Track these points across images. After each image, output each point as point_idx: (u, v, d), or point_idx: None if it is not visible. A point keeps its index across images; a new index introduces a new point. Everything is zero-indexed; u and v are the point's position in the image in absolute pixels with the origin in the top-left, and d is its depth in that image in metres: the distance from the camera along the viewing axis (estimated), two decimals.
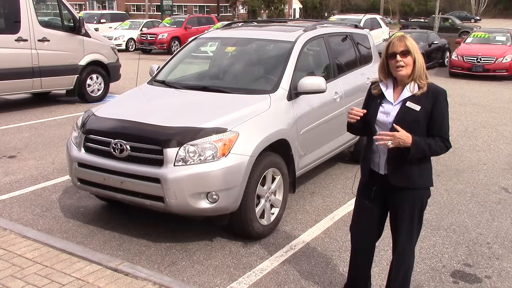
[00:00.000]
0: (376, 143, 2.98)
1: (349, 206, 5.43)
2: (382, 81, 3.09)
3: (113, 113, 4.79)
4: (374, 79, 3.23)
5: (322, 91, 5.04)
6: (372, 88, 3.17)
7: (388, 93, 3.06)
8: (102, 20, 29.86)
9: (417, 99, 2.96)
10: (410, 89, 2.98)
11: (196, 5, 69.83)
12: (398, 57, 2.93)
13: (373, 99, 3.14)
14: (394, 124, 2.95)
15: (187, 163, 4.07)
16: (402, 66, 2.93)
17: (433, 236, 4.73)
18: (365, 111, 3.13)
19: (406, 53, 2.92)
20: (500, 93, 13.84)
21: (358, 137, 6.50)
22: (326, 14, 65.79)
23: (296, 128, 4.97)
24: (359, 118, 3.12)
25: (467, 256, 4.36)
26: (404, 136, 2.89)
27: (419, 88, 2.97)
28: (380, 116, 3.06)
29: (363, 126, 3.19)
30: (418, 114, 2.94)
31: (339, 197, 5.70)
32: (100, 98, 11.39)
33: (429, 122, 2.96)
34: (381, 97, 3.08)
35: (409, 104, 2.96)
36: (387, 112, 3.03)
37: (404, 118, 2.96)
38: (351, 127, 3.28)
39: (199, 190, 4.07)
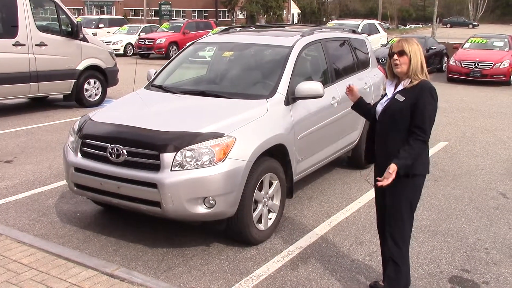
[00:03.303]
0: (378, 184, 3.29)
1: (347, 211, 5.42)
2: (388, 79, 3.52)
3: (110, 117, 4.79)
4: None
5: (320, 96, 5.04)
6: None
7: (389, 88, 3.48)
8: (100, 25, 29.90)
9: (405, 91, 3.33)
10: (403, 84, 3.36)
11: (195, 10, 69.95)
12: (395, 57, 3.35)
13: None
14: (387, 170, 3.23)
15: (184, 168, 4.07)
16: (398, 64, 3.33)
17: (430, 241, 4.72)
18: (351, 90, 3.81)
19: (402, 53, 3.32)
20: (498, 98, 13.87)
21: (356, 142, 6.51)
22: (324, 19, 66.00)
23: (294, 133, 4.96)
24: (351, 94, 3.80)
25: (465, 261, 4.35)
26: (391, 174, 3.21)
27: (411, 82, 3.32)
28: (378, 107, 3.52)
29: (364, 109, 3.83)
30: (401, 104, 3.30)
31: (337, 202, 5.69)
32: (98, 103, 11.38)
33: (412, 113, 3.26)
34: (385, 92, 3.55)
35: (397, 96, 3.36)
36: (382, 103, 3.48)
37: (389, 107, 3.37)
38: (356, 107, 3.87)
39: (196, 195, 4.06)
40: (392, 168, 3.20)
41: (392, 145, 3.32)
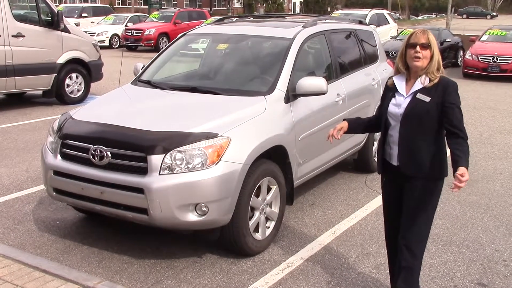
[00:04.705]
0: (454, 190, 3.18)
1: (352, 219, 5.42)
2: (396, 74, 3.47)
3: (93, 116, 4.79)
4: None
5: (323, 93, 5.04)
6: (388, 80, 3.58)
7: (401, 86, 3.43)
8: (83, 14, 29.87)
9: (427, 91, 3.31)
10: (421, 82, 3.34)
11: None
12: (418, 48, 3.28)
13: (388, 91, 3.54)
14: (457, 174, 3.11)
15: (174, 172, 4.06)
16: (419, 58, 3.28)
17: (444, 252, 4.72)
18: (339, 130, 3.67)
19: (426, 46, 3.28)
20: None
21: (362, 143, 6.51)
22: (329, 9, 66.05)
23: (294, 133, 4.96)
24: (338, 137, 3.68)
25: (481, 274, 4.35)
26: (467, 177, 3.13)
27: (430, 81, 3.31)
28: (392, 108, 3.44)
29: (359, 127, 3.86)
30: (427, 105, 3.28)
31: (342, 210, 5.69)
32: (80, 100, 11.37)
33: (444, 114, 3.26)
34: (394, 89, 3.46)
35: (419, 95, 3.32)
36: (398, 104, 3.40)
37: (414, 109, 3.32)
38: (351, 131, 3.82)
39: (187, 201, 4.06)
40: (462, 171, 3.12)
41: (420, 148, 3.34)
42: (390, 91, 3.51)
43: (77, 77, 11.42)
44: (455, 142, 3.25)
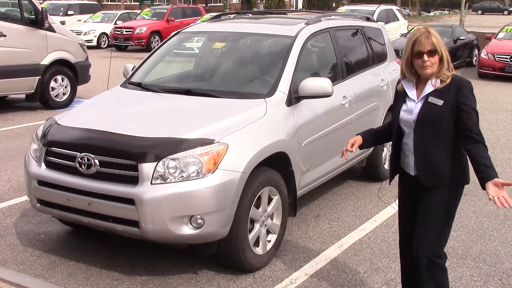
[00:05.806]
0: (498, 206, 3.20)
1: (360, 232, 5.41)
2: (405, 78, 3.44)
3: (80, 121, 4.80)
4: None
5: (328, 95, 5.05)
6: (397, 85, 3.58)
7: (410, 90, 3.41)
8: (69, 12, 30.00)
9: (439, 93, 3.29)
10: (432, 84, 3.31)
11: None
12: (425, 57, 3.23)
13: (398, 96, 3.54)
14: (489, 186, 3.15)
15: (167, 181, 4.06)
16: (429, 66, 3.25)
17: (459, 266, 4.71)
18: (352, 146, 3.72)
19: (433, 52, 3.24)
20: None
21: (370, 150, 6.50)
22: (334, 5, 66.26)
23: (297, 139, 4.97)
24: (352, 150, 3.70)
25: None
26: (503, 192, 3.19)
27: (442, 82, 3.29)
28: (403, 115, 3.44)
29: (375, 139, 3.83)
30: (441, 109, 3.27)
31: (349, 221, 5.68)
32: (66, 104, 11.39)
33: (459, 118, 3.24)
34: (404, 94, 3.45)
35: (431, 99, 3.30)
36: (410, 110, 3.39)
37: (426, 114, 3.31)
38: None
39: (181, 213, 4.05)
40: (499, 182, 3.17)
41: (437, 157, 3.33)
42: (400, 96, 3.50)
43: (62, 80, 11.43)
44: (475, 148, 3.21)
